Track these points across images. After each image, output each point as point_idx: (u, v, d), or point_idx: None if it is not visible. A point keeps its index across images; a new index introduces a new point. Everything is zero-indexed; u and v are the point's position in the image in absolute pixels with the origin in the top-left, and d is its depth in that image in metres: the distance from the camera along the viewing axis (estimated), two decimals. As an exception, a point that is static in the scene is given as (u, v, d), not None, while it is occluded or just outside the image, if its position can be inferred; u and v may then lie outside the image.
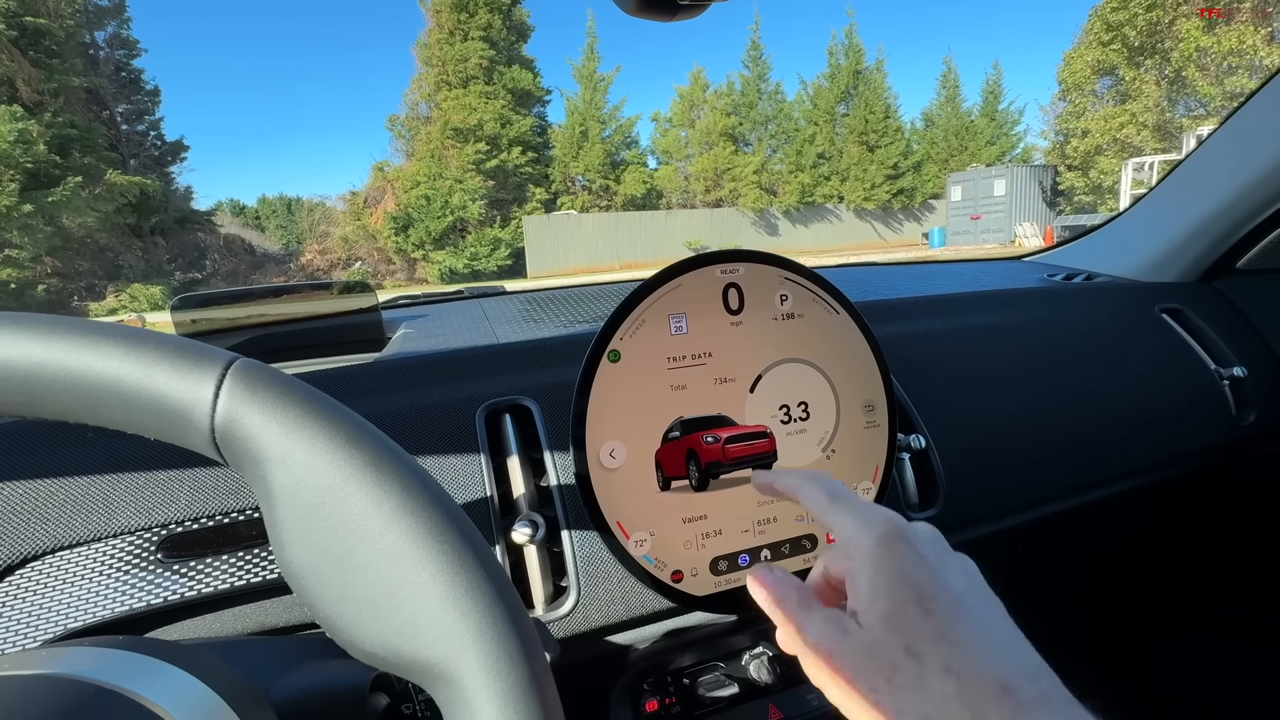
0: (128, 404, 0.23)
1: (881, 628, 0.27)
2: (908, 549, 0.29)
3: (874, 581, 0.29)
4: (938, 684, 0.25)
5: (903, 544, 0.29)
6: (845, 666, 0.28)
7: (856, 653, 0.28)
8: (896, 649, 0.27)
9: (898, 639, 0.27)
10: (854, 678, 0.27)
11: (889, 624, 0.27)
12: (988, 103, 25.76)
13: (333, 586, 0.24)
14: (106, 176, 16.38)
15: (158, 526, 0.45)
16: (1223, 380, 0.85)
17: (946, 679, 0.25)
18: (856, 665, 0.27)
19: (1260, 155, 0.84)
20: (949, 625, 0.27)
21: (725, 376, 0.53)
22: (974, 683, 0.25)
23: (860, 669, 0.27)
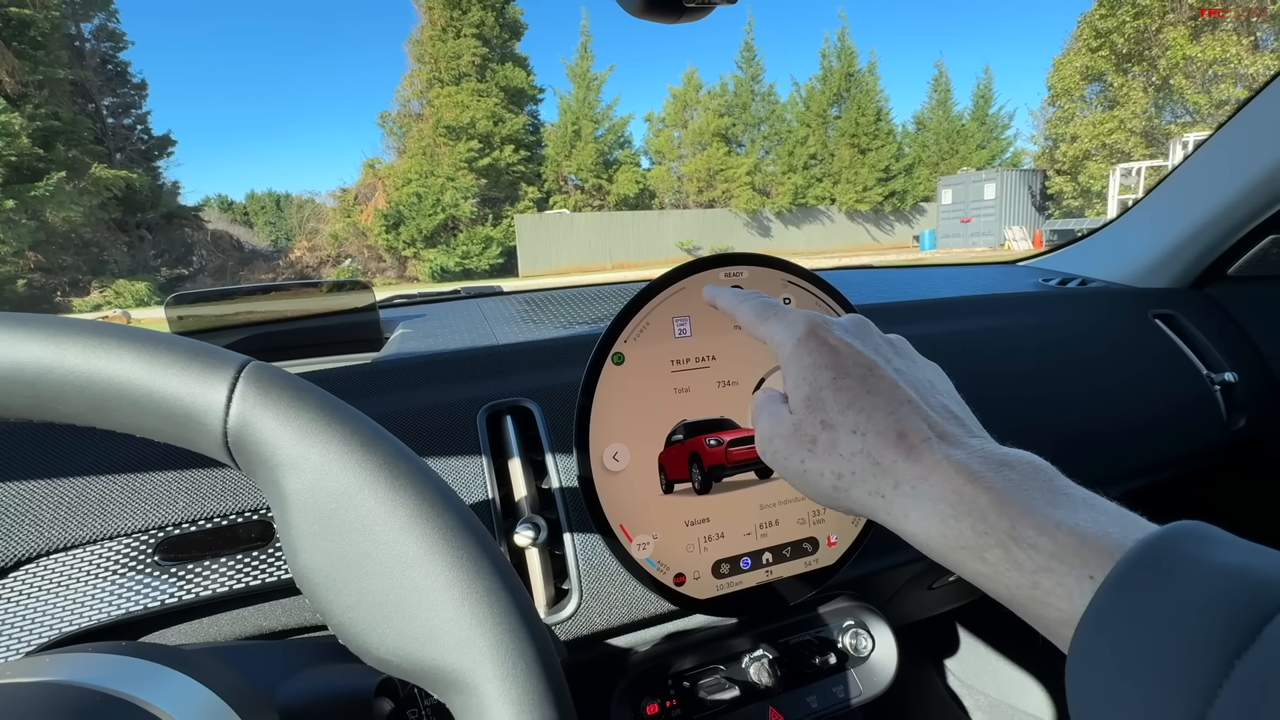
0: (138, 408, 0.23)
1: (803, 410, 0.32)
2: (821, 342, 0.33)
3: (796, 374, 0.33)
4: (847, 444, 0.30)
5: (816, 339, 0.33)
6: (781, 446, 0.33)
7: (787, 433, 0.33)
8: (815, 424, 0.31)
9: (815, 415, 0.31)
10: (788, 453, 0.32)
11: (809, 405, 0.32)
12: (978, 107, 26.02)
13: (346, 593, 0.23)
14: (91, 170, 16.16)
15: (154, 529, 0.45)
16: (1214, 385, 0.87)
17: (853, 439, 0.29)
18: (788, 443, 0.32)
19: (1252, 164, 0.86)
20: (856, 395, 0.30)
21: (729, 380, 0.53)
22: (876, 438, 0.29)
23: (791, 445, 0.32)
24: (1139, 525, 0.23)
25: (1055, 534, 0.23)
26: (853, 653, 0.60)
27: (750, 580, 0.54)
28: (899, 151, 24.75)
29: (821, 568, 0.56)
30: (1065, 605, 0.22)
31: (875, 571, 0.63)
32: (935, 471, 0.26)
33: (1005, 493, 0.24)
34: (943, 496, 0.26)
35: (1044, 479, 0.25)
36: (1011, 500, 0.24)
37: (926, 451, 0.27)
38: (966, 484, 0.25)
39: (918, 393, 0.30)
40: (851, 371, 0.31)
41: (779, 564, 0.54)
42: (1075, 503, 0.24)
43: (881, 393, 0.30)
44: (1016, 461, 0.26)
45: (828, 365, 0.32)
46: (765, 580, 0.54)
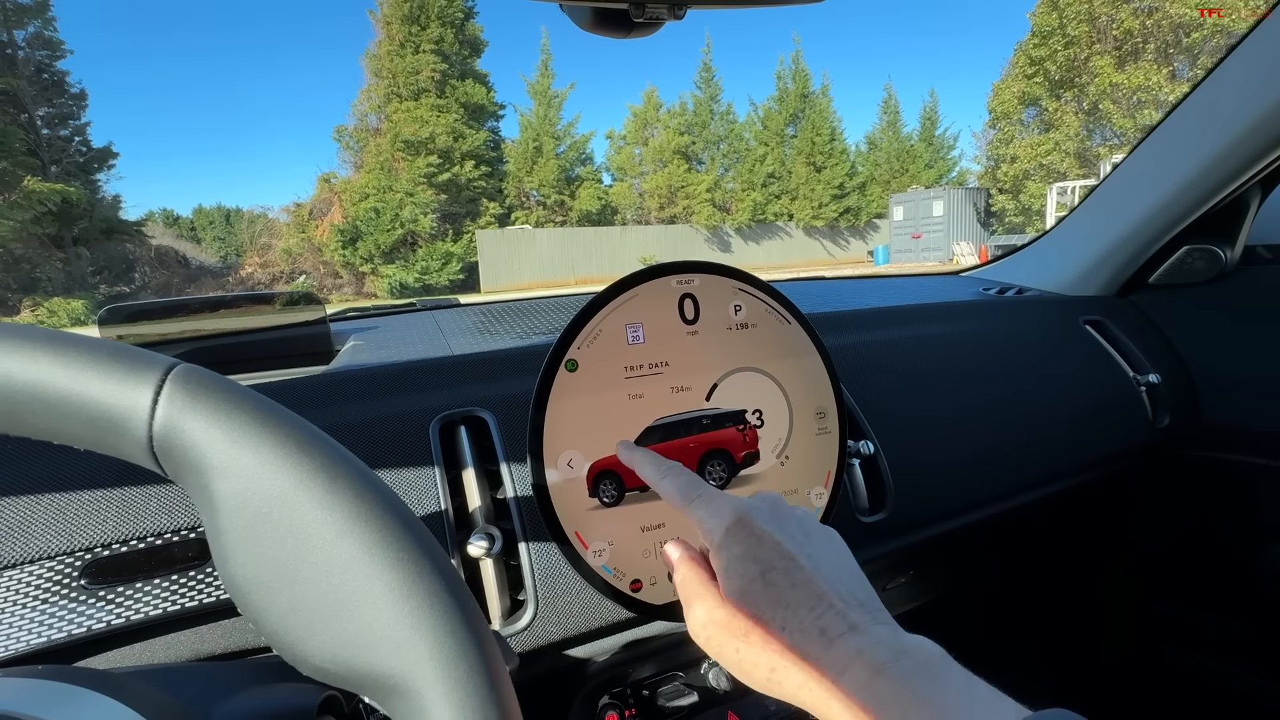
0: (55, 412, 0.22)
1: (735, 603, 0.35)
2: (749, 533, 0.36)
3: (727, 565, 0.36)
4: (777, 639, 0.33)
5: (745, 529, 0.36)
6: (715, 634, 0.35)
7: (721, 623, 0.35)
8: (746, 618, 0.34)
9: (746, 610, 0.34)
10: (722, 641, 0.35)
11: (741, 598, 0.35)
12: (925, 128, 27.18)
13: (281, 599, 0.23)
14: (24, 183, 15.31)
15: (81, 550, 0.42)
16: (1140, 387, 0.92)
17: (782, 635, 0.33)
18: (722, 632, 0.35)
19: (1166, 180, 0.92)
20: (783, 592, 0.34)
21: (682, 385, 0.54)
22: (800, 634, 0.32)
23: (725, 635, 0.35)
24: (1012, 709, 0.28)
25: None
26: (809, 654, 0.61)
27: (706, 584, 0.54)
28: (852, 170, 25.59)
29: (776, 570, 0.57)
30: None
31: (829, 573, 0.64)
32: (851, 665, 0.30)
33: (902, 682, 0.28)
34: (859, 687, 0.29)
35: (934, 667, 0.29)
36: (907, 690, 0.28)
37: (842, 645, 0.31)
38: (873, 676, 0.29)
39: (829, 584, 0.34)
40: (776, 565, 0.34)
41: (734, 567, 0.55)
42: (957, 690, 0.28)
43: (803, 587, 0.33)
44: (913, 649, 0.30)
45: (755, 559, 0.35)
46: (721, 584, 0.55)
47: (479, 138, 20.98)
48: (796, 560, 0.34)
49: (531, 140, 22.55)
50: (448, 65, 20.28)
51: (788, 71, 24.96)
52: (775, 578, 0.34)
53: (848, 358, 0.72)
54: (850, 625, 0.31)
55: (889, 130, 27.15)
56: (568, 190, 23.39)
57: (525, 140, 22.69)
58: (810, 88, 24.96)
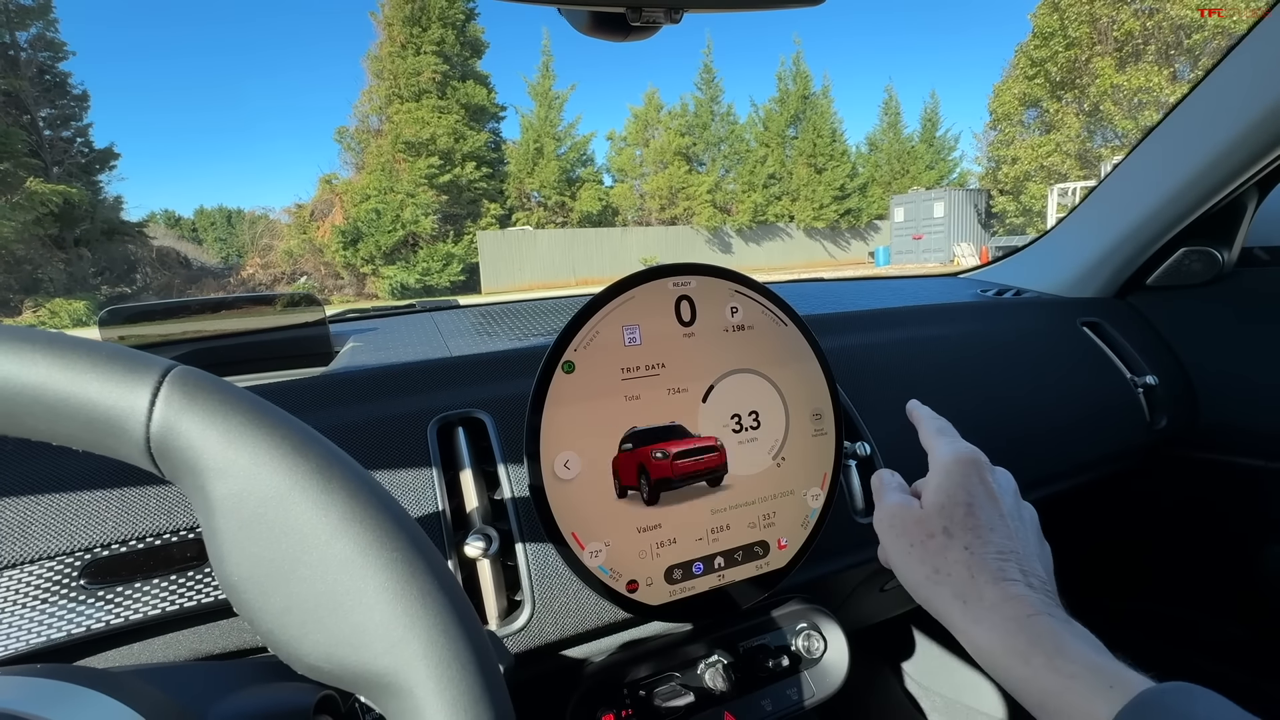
0: (53, 413, 0.22)
1: (934, 511, 0.40)
2: (976, 473, 0.41)
3: (941, 482, 0.41)
4: (955, 553, 0.38)
5: (975, 467, 0.41)
6: (897, 524, 0.41)
7: (908, 519, 0.41)
8: (938, 526, 0.39)
9: (941, 521, 0.39)
10: (900, 533, 0.41)
11: (940, 511, 0.40)
12: (926, 129, 27.19)
13: (276, 598, 0.23)
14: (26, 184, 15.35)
15: (81, 550, 0.43)
16: (1137, 388, 0.92)
17: (964, 553, 0.37)
18: (905, 526, 0.41)
19: (1164, 182, 0.92)
20: (982, 527, 0.38)
21: (678, 387, 0.54)
22: (981, 563, 0.36)
23: (907, 528, 0.40)
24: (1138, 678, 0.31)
25: (1089, 658, 0.31)
26: (805, 655, 0.61)
27: (703, 585, 0.54)
28: (853, 171, 25.61)
29: (773, 570, 0.57)
30: (1087, 707, 0.29)
31: (826, 574, 0.65)
32: (1009, 601, 0.35)
33: (1057, 624, 0.33)
34: (1013, 617, 0.34)
35: (1082, 629, 0.34)
36: (1060, 632, 0.33)
37: (1010, 587, 0.35)
38: (1032, 614, 0.34)
39: (1023, 547, 0.38)
40: (986, 507, 0.39)
41: (731, 568, 0.55)
42: (1099, 649, 0.32)
43: (999, 533, 0.38)
44: (1057, 615, 0.34)
45: (969, 490, 0.40)
46: (718, 585, 0.55)
47: (480, 139, 21.01)
48: (1006, 516, 0.39)
49: (532, 141, 22.58)
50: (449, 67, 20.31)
51: (788, 73, 24.99)
52: (979, 514, 0.39)
53: (844, 359, 0.72)
54: (1025, 578, 0.36)
55: (890, 131, 27.17)
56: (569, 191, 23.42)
57: (526, 141, 22.72)
58: (811, 89, 24.99)
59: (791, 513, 0.58)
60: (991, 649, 0.34)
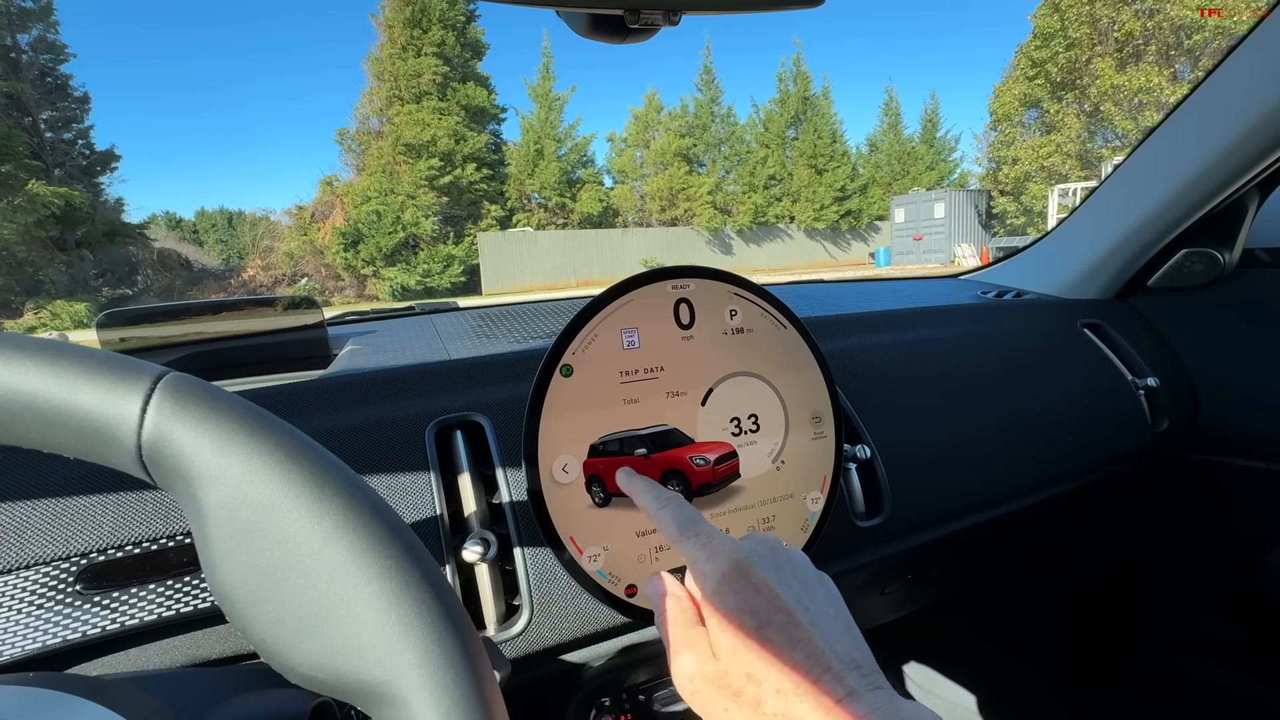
0: (44, 421, 0.22)
1: (728, 657, 0.33)
2: (745, 582, 0.34)
3: (721, 616, 0.34)
4: (771, 703, 0.31)
5: (741, 579, 0.34)
6: (703, 688, 0.34)
7: (711, 678, 0.33)
8: (740, 676, 0.32)
9: (740, 667, 0.32)
10: (710, 698, 0.33)
11: (733, 654, 0.33)
12: (926, 130, 27.20)
13: (268, 607, 0.23)
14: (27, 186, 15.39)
15: (76, 556, 0.42)
16: (1138, 390, 0.92)
17: (777, 698, 0.31)
18: (711, 688, 0.33)
19: (1165, 182, 0.92)
20: (779, 651, 0.32)
21: (677, 390, 0.54)
22: (799, 701, 0.30)
23: (714, 691, 0.33)
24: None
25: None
26: (805, 659, 0.61)
27: (702, 589, 0.54)
28: (854, 172, 25.62)
29: (772, 575, 0.57)
30: None
31: (826, 578, 0.64)
32: None
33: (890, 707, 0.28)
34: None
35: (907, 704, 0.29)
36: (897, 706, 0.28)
37: (841, 710, 0.30)
38: (872, 711, 0.29)
39: (827, 643, 0.32)
40: (773, 620, 0.33)
41: (730, 572, 0.55)
42: None
43: (800, 646, 0.32)
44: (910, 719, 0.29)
45: (751, 611, 0.34)
46: (717, 589, 0.55)
47: (480, 140, 21.03)
48: (794, 615, 0.33)
49: (533, 143, 22.61)
50: (449, 68, 20.35)
51: (789, 74, 25.02)
52: (771, 634, 0.33)
53: (844, 362, 0.72)
54: (848, 691, 0.30)
55: (890, 132, 27.17)
56: (569, 193, 23.44)
57: (527, 143, 22.75)
58: (811, 90, 25.01)
59: (791, 516, 0.58)
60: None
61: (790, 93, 24.91)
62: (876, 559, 0.67)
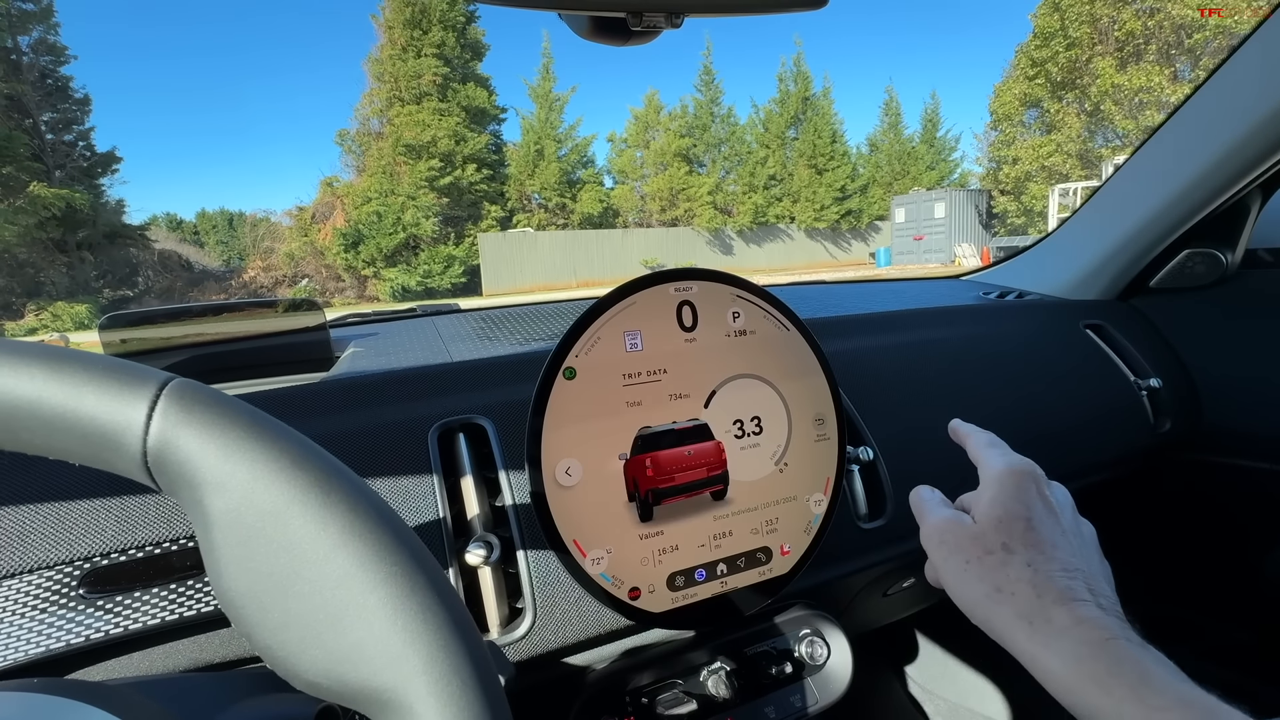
0: (50, 427, 0.22)
1: (990, 526, 0.37)
2: (1034, 485, 0.39)
3: (996, 494, 0.38)
4: (1017, 570, 0.35)
5: (1032, 480, 0.39)
6: (949, 540, 0.38)
7: (962, 535, 0.38)
8: (996, 542, 0.36)
9: (999, 536, 0.37)
10: (954, 549, 0.38)
11: (997, 526, 0.37)
12: (927, 130, 27.19)
13: (274, 614, 0.23)
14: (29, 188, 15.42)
15: (80, 560, 0.42)
16: (1141, 391, 0.92)
17: (1026, 570, 0.35)
18: (960, 542, 0.38)
19: (1167, 183, 0.92)
20: (1044, 543, 0.36)
21: (680, 392, 0.54)
22: (1047, 581, 0.34)
23: (961, 545, 0.38)
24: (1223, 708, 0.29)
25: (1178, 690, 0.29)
26: (809, 661, 0.61)
27: (705, 592, 0.54)
28: (854, 172, 25.61)
29: (775, 577, 0.57)
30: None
31: (829, 580, 0.64)
32: (1081, 625, 0.32)
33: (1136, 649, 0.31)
34: (1087, 641, 0.32)
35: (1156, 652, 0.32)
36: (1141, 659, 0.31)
37: (1080, 609, 0.33)
38: (1107, 639, 0.32)
39: (1087, 565, 0.36)
40: (1047, 522, 0.37)
41: (733, 574, 0.55)
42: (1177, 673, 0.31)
43: (1063, 552, 0.36)
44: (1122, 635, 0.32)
45: (1031, 505, 0.37)
46: (720, 591, 0.55)
47: (480, 141, 21.04)
48: (1067, 533, 0.37)
49: (533, 143, 22.62)
50: (449, 69, 20.36)
51: (789, 74, 25.02)
52: (1040, 529, 0.36)
53: (847, 363, 0.72)
54: (1095, 599, 0.34)
55: (890, 132, 27.16)
56: (569, 193, 23.45)
57: (527, 143, 22.76)
58: (812, 90, 25.00)
59: (794, 518, 0.57)
60: (1065, 676, 0.32)
61: (790, 93, 24.91)
62: (879, 561, 0.67)
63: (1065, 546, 0.36)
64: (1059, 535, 0.37)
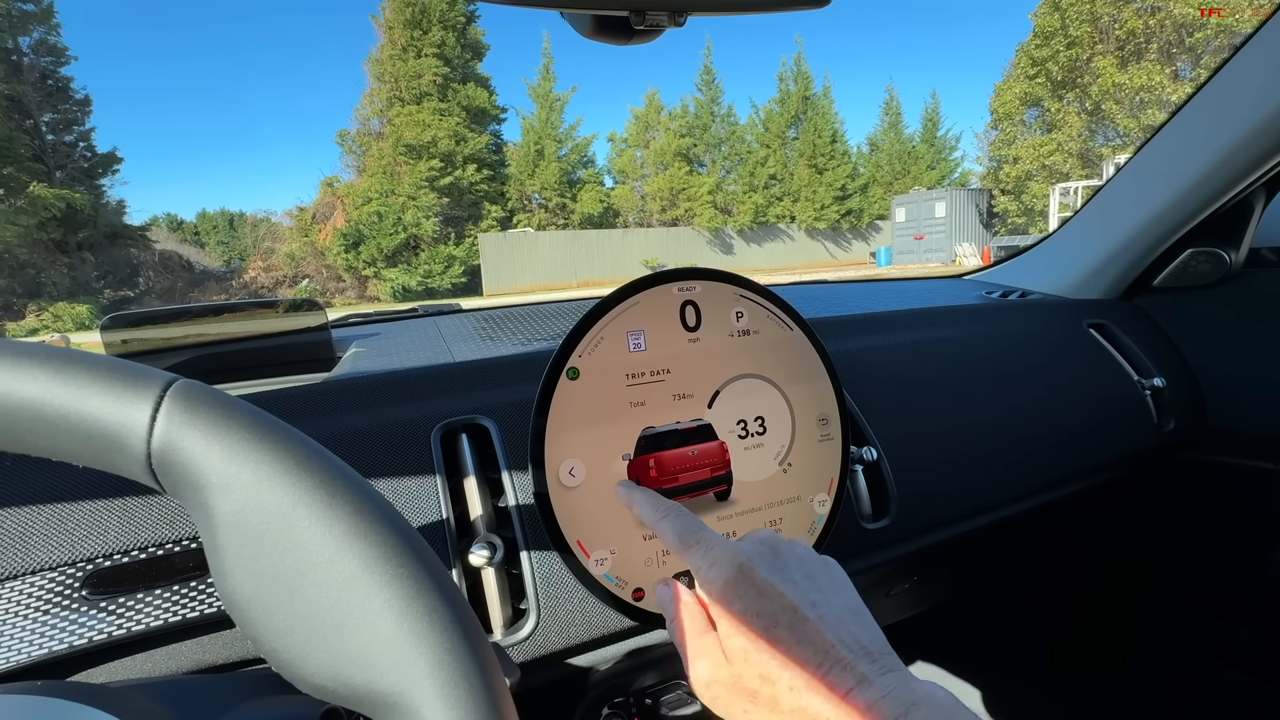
0: (54, 429, 0.22)
1: (740, 661, 0.34)
2: (750, 586, 0.35)
3: (729, 621, 0.35)
4: (787, 700, 0.32)
5: (746, 581, 0.35)
6: (722, 694, 0.34)
7: (727, 683, 0.34)
8: (754, 677, 0.33)
9: (753, 669, 0.33)
10: (730, 701, 0.34)
11: (746, 658, 0.33)
12: (927, 129, 27.17)
13: (279, 616, 0.23)
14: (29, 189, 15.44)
15: (82, 561, 0.42)
16: (1145, 391, 0.91)
17: (791, 695, 0.32)
18: (729, 692, 0.34)
19: (1170, 182, 0.92)
20: (789, 648, 0.32)
21: (683, 392, 0.53)
22: (812, 695, 0.31)
23: (733, 695, 0.34)
24: None
25: None
26: (812, 662, 0.60)
27: (709, 593, 0.54)
28: (854, 171, 25.60)
29: (779, 577, 0.57)
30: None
31: (833, 580, 0.64)
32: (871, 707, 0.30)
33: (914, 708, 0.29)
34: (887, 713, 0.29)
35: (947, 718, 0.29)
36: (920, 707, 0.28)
37: (852, 701, 0.30)
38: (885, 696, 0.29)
39: (835, 633, 0.33)
40: (780, 619, 0.33)
41: (737, 575, 0.55)
42: None
43: (808, 641, 0.32)
44: (924, 700, 0.29)
45: (758, 613, 0.34)
46: (724, 592, 0.54)
47: (481, 141, 21.05)
48: (800, 611, 0.33)
49: (533, 143, 22.62)
50: (450, 69, 20.36)
51: (789, 73, 25.02)
52: (780, 634, 0.33)
53: (850, 363, 0.72)
54: (859, 679, 0.31)
55: (891, 131, 27.15)
56: (569, 193, 23.45)
57: (527, 143, 22.76)
58: (812, 90, 25.00)
59: (798, 519, 0.57)
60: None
61: (791, 92, 24.91)
62: (883, 561, 0.67)
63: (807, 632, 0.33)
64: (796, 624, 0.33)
